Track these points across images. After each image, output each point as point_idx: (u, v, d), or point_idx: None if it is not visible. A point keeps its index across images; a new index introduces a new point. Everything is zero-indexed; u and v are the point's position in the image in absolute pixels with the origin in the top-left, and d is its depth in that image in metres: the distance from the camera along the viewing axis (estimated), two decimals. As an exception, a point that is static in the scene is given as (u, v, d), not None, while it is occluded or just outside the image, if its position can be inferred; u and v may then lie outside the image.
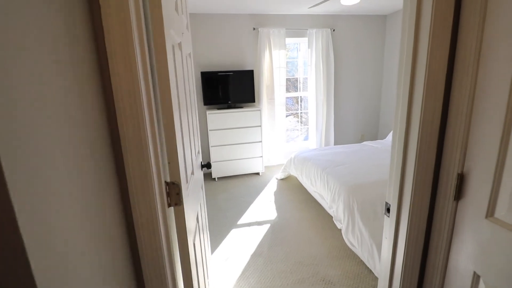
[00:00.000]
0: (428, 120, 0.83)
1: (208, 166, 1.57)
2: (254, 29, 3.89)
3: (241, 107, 3.89)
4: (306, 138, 4.86)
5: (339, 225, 2.33)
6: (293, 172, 3.54)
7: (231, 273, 2.03)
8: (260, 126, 3.84)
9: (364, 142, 3.83)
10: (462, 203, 0.82)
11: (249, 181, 3.84)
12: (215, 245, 2.37)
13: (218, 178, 3.94)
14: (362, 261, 2.07)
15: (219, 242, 2.42)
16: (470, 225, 0.81)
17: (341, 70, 4.39)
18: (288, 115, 5.31)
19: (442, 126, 0.85)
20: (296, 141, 5.09)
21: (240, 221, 2.76)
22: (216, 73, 3.74)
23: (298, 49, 4.62)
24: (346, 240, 2.19)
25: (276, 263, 2.13)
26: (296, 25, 4.04)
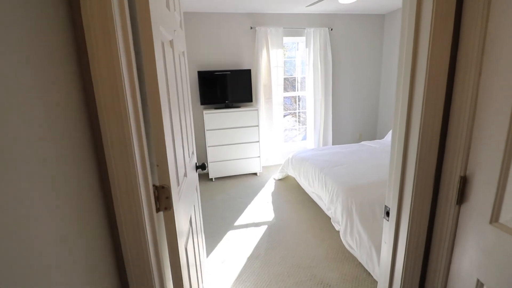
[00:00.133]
0: (429, 120, 0.80)
1: (202, 167, 1.53)
2: (252, 28, 3.85)
3: (239, 107, 3.85)
4: (304, 138, 4.83)
5: (337, 227, 2.30)
6: (291, 173, 3.50)
7: (227, 277, 1.99)
8: (257, 126, 3.80)
9: (362, 142, 3.80)
10: (465, 208, 0.79)
11: (247, 181, 3.80)
12: (211, 247, 2.33)
13: (215, 178, 3.90)
14: (360, 263, 2.04)
15: (215, 244, 2.38)
16: (473, 230, 0.77)
17: (339, 69, 4.35)
18: (286, 114, 5.28)
19: (443, 127, 0.81)
20: (294, 141, 5.06)
21: (237, 223, 2.72)
22: (213, 72, 3.69)
23: (296, 48, 4.59)
24: (344, 242, 2.15)
25: (273, 265, 2.09)
26: (293, 24, 4.00)
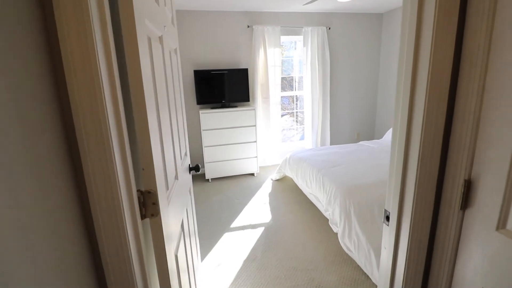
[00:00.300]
0: (431, 120, 0.75)
1: (196, 169, 1.48)
2: (249, 26, 3.80)
3: (235, 107, 3.80)
4: (302, 137, 4.78)
5: (335, 229, 2.26)
6: (288, 173, 3.46)
7: (222, 280, 1.95)
8: (254, 125, 3.75)
9: (360, 142, 3.77)
10: (470, 213, 0.75)
11: (244, 182, 3.76)
12: (206, 250, 2.28)
13: (211, 179, 3.84)
14: (359, 266, 2.00)
15: (211, 247, 2.33)
16: (478, 237, 0.73)
17: (337, 68, 4.31)
18: (284, 114, 5.23)
19: (447, 127, 0.77)
20: (292, 141, 5.01)
21: (234, 224, 2.67)
22: (209, 71, 3.64)
23: (294, 47, 4.54)
24: (342, 245, 2.11)
25: (270, 268, 2.05)
26: (291, 23, 3.95)
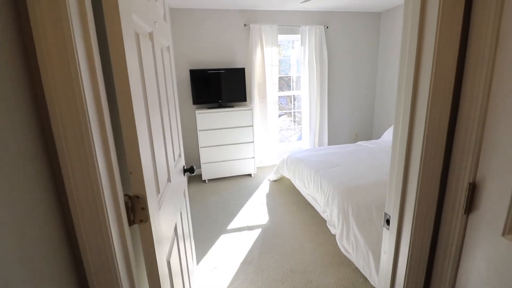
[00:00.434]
0: (435, 119, 0.72)
1: (191, 170, 1.44)
2: (245, 25, 3.76)
3: (232, 107, 3.76)
4: (300, 138, 4.75)
5: (333, 230, 2.23)
6: (286, 174, 3.42)
7: (219, 284, 1.91)
8: (252, 126, 3.71)
9: (358, 142, 3.74)
10: (474, 217, 0.71)
11: (241, 182, 3.72)
12: (203, 252, 2.24)
13: (208, 180, 3.80)
14: (357, 268, 1.97)
15: (207, 249, 2.29)
16: (483, 242, 0.70)
17: (334, 68, 4.29)
18: (281, 114, 5.20)
19: (451, 128, 0.73)
20: (290, 141, 4.98)
21: (230, 226, 2.63)
22: (205, 71, 3.59)
23: (291, 46, 4.51)
24: (340, 246, 2.08)
25: (267, 271, 2.01)
26: (288, 22, 3.92)
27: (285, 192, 3.37)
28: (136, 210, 0.70)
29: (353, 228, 1.99)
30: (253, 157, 3.84)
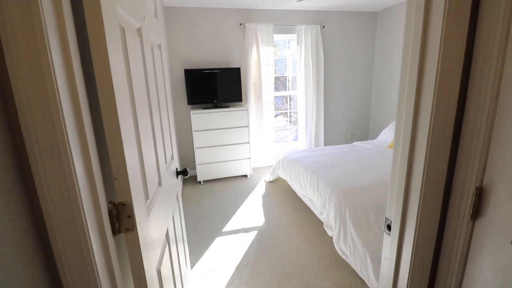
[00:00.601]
0: (440, 119, 0.68)
1: (184, 173, 1.39)
2: (241, 24, 3.71)
3: (228, 107, 3.71)
4: (296, 138, 4.72)
5: (330, 233, 2.19)
6: (282, 175, 3.38)
7: (213, 289, 1.86)
8: (247, 126, 3.66)
9: (354, 143, 3.72)
10: (481, 223, 0.68)
11: (237, 184, 3.67)
12: (197, 256, 2.19)
13: (203, 181, 3.74)
14: (354, 271, 1.93)
15: (202, 252, 2.23)
16: (490, 250, 0.66)
17: (330, 68, 4.26)
18: (277, 114, 5.16)
19: (457, 128, 0.70)
20: (286, 141, 4.94)
21: (226, 228, 2.58)
22: (200, 70, 3.53)
23: (287, 46, 4.47)
24: (337, 249, 2.04)
25: (263, 274, 1.97)
26: (284, 21, 3.88)
27: (281, 193, 3.33)
28: (121, 218, 0.65)
29: (350, 230, 1.95)
30: (249, 158, 3.79)
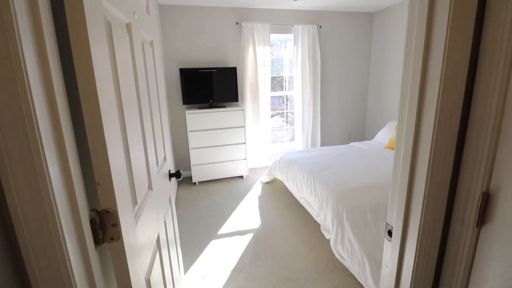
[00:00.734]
0: (444, 120, 0.65)
1: (177, 175, 1.34)
2: (237, 23, 3.67)
3: (224, 107, 3.66)
4: (292, 138, 4.69)
5: (327, 235, 2.16)
6: (278, 176, 3.34)
7: (208, 293, 1.81)
8: (243, 126, 3.62)
9: (351, 143, 3.70)
10: (487, 230, 0.64)
11: (232, 185, 3.62)
12: (191, 260, 2.14)
13: (199, 182, 3.69)
14: (352, 274, 1.90)
15: (196, 256, 2.18)
16: (497, 257, 0.63)
17: (327, 68, 4.24)
18: (274, 115, 5.12)
19: (462, 130, 0.66)
20: (282, 142, 4.91)
21: (221, 231, 2.53)
22: (196, 70, 3.48)
23: (284, 46, 4.44)
24: (335, 252, 2.01)
25: (259, 278, 1.92)
26: (281, 21, 3.84)
27: (277, 194, 3.29)
28: (106, 227, 0.61)
29: (348, 233, 1.92)
30: (245, 159, 3.75)
